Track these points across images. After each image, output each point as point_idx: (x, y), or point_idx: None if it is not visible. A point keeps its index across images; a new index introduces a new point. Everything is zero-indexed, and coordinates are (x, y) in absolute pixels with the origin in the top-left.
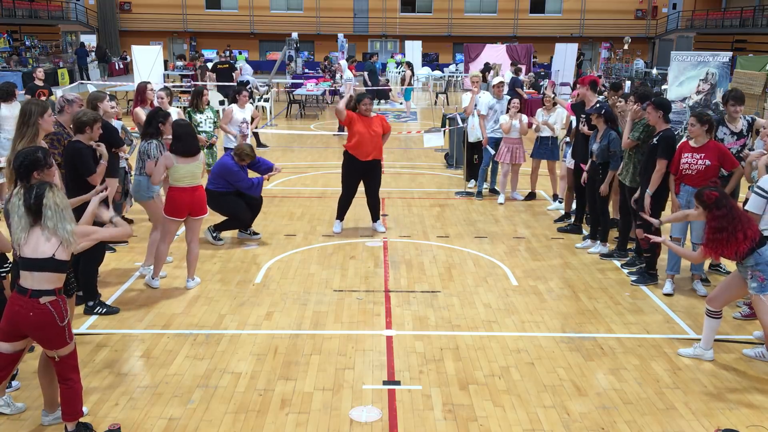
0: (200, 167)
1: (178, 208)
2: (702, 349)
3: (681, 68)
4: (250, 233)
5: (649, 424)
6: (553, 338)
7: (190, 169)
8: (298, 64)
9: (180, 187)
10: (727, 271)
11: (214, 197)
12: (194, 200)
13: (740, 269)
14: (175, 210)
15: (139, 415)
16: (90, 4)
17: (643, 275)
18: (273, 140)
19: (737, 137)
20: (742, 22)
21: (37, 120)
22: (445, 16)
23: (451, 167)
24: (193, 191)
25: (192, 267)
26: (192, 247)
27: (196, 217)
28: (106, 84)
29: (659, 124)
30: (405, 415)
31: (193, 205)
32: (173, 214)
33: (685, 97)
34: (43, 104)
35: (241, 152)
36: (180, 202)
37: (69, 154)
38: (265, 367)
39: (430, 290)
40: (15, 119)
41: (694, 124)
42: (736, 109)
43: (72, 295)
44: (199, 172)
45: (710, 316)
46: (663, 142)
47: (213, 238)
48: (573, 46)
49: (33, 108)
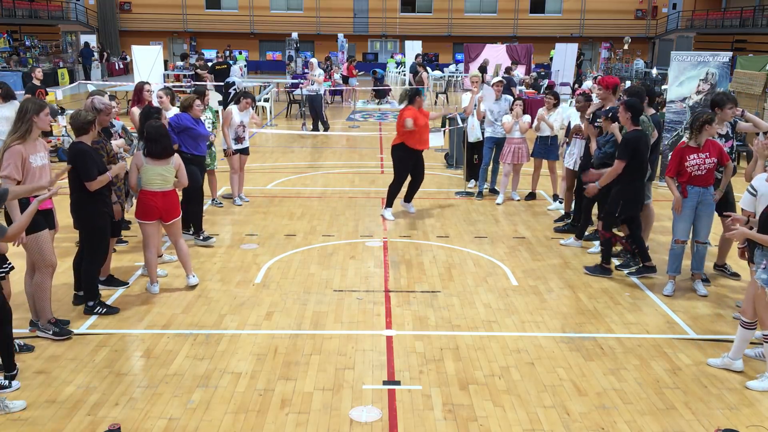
0: (171, 171)
1: (148, 211)
2: (730, 359)
3: (681, 68)
4: (203, 238)
5: (649, 424)
6: (553, 338)
7: (160, 172)
8: (298, 64)
9: (151, 190)
10: (732, 272)
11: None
12: (165, 204)
13: (757, 257)
14: (145, 213)
15: (139, 415)
16: (90, 4)
17: (596, 267)
18: (273, 140)
19: (725, 139)
20: (742, 22)
21: (31, 117)
22: (445, 16)
23: (451, 167)
24: (163, 195)
25: (187, 264)
26: (179, 245)
27: (169, 222)
28: (106, 84)
29: (627, 124)
30: (405, 415)
31: (163, 210)
32: (143, 216)
33: (685, 97)
34: (41, 103)
35: (187, 102)
36: (150, 205)
37: (71, 155)
38: (265, 367)
39: (430, 290)
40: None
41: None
42: (734, 111)
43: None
44: (171, 176)
45: (744, 327)
46: (624, 143)
47: (204, 240)
48: (573, 46)
49: (29, 106)
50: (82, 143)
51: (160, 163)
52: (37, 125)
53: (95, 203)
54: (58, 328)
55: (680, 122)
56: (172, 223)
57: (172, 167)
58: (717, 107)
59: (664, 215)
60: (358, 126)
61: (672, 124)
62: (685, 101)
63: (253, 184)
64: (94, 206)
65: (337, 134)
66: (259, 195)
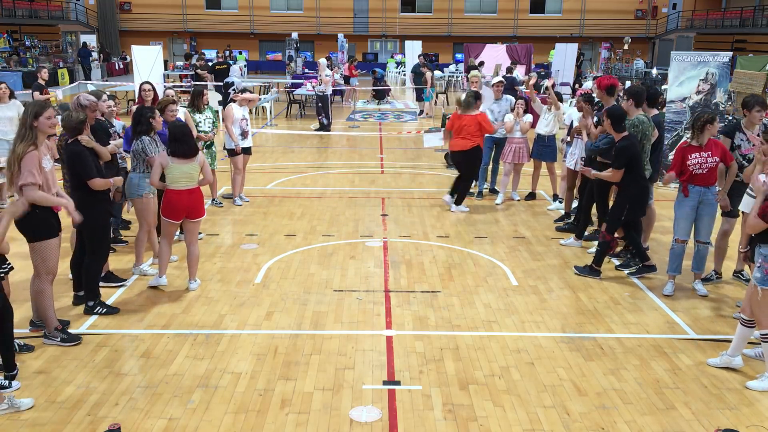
0: (197, 169)
1: (174, 210)
2: (729, 356)
3: (681, 68)
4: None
5: (649, 424)
6: (553, 338)
7: (186, 171)
8: (298, 64)
9: (176, 189)
10: (748, 279)
11: None
12: (191, 202)
13: (757, 255)
14: (172, 212)
15: (139, 415)
16: (90, 4)
17: (585, 268)
18: (273, 140)
19: (754, 144)
20: (742, 22)
21: (31, 123)
22: (445, 16)
23: (451, 167)
24: (189, 193)
25: (193, 269)
26: (192, 249)
27: (194, 220)
28: (106, 84)
29: (611, 131)
30: (405, 415)
31: (190, 208)
32: (170, 216)
33: (685, 97)
34: (39, 107)
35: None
36: (176, 203)
37: (69, 156)
38: (265, 367)
39: (430, 290)
40: (11, 120)
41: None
42: (762, 114)
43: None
44: (196, 174)
45: (744, 325)
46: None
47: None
48: (573, 46)
49: (29, 109)
50: (77, 144)
51: (186, 161)
52: (39, 129)
53: (97, 202)
54: (65, 334)
55: (680, 122)
56: (195, 222)
57: (197, 164)
58: (745, 109)
59: (664, 215)
60: (358, 126)
61: (672, 124)
62: (685, 101)
63: (253, 184)
64: (96, 205)
65: (337, 134)
66: (259, 195)
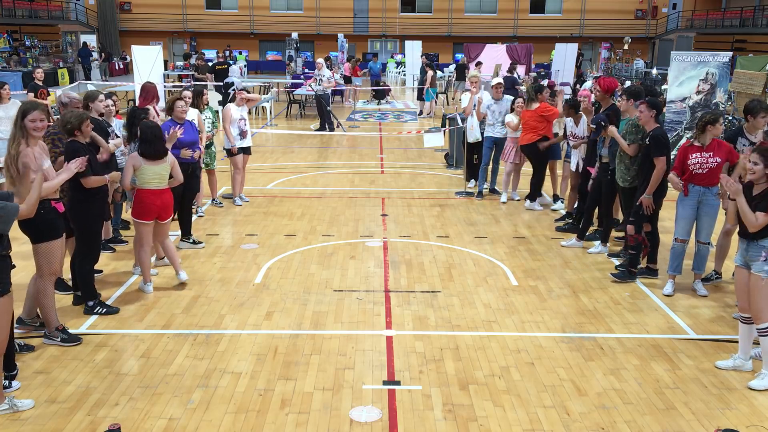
0: (167, 169)
1: (146, 210)
2: (742, 360)
3: (681, 68)
4: (192, 241)
5: (649, 424)
6: (553, 338)
7: (158, 171)
8: (298, 64)
9: (148, 189)
10: None
11: None
12: (162, 203)
13: (752, 251)
14: (143, 212)
15: (139, 415)
16: (90, 4)
17: (623, 272)
18: (273, 140)
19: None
20: (742, 22)
21: (22, 123)
22: (445, 16)
23: (451, 167)
24: (161, 194)
25: (175, 262)
26: (166, 243)
27: (163, 221)
28: (106, 84)
29: (650, 123)
30: (405, 415)
31: (161, 209)
32: (141, 216)
33: (685, 97)
34: (27, 107)
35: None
36: (148, 204)
37: (68, 154)
38: (265, 367)
39: (430, 290)
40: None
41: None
42: (767, 120)
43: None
44: (167, 175)
45: (745, 323)
46: (654, 141)
47: (193, 244)
48: (573, 46)
49: (19, 110)
50: (76, 142)
51: (157, 162)
52: (26, 129)
53: (90, 203)
54: (66, 335)
55: (680, 122)
56: (164, 224)
57: (168, 165)
58: (749, 115)
59: (664, 215)
60: (358, 126)
61: (672, 124)
62: (685, 101)
63: (253, 184)
64: (89, 206)
65: (337, 134)
66: (259, 195)
